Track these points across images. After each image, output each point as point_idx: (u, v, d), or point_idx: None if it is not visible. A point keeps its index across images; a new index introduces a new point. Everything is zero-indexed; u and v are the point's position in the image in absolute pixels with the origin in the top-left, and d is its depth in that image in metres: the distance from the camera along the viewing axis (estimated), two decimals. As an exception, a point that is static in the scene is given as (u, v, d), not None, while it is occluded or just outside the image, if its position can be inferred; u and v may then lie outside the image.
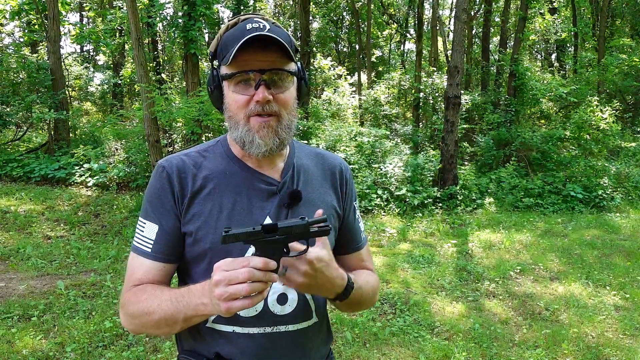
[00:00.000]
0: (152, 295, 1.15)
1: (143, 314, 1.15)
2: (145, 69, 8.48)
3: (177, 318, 1.11)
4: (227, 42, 1.17)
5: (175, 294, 1.12)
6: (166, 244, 1.23)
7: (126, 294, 1.22)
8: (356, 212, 1.45)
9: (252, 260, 0.98)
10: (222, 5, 13.44)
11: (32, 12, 11.91)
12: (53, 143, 10.37)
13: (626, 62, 15.15)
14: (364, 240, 1.45)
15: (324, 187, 1.35)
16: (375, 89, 16.55)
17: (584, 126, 11.69)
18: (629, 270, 5.90)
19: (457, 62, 9.35)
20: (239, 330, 1.21)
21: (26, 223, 6.99)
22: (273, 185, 1.26)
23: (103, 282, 5.07)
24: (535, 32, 18.63)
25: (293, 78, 1.22)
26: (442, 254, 6.61)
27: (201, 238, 1.21)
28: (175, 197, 1.23)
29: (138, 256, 1.24)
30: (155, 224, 1.23)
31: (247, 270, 0.96)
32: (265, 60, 1.14)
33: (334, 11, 22.05)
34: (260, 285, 0.98)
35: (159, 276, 1.23)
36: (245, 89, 1.17)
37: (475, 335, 4.20)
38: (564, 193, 9.68)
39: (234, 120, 1.20)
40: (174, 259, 1.25)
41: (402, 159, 10.29)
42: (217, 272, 0.99)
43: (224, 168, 1.27)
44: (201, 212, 1.22)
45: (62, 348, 3.72)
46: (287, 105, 1.20)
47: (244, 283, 0.96)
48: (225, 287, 0.97)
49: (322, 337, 1.36)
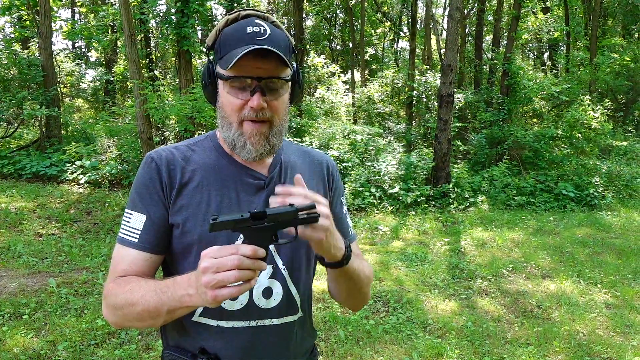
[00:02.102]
0: (136, 286, 1.13)
1: (126, 305, 1.13)
2: (138, 66, 8.43)
3: (160, 310, 1.09)
4: (227, 41, 1.17)
5: (160, 285, 1.10)
6: (154, 234, 1.21)
7: (109, 285, 1.20)
8: (343, 208, 1.45)
9: (241, 248, 0.97)
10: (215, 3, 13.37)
11: (23, 8, 11.80)
12: (44, 140, 10.30)
13: (618, 61, 15.26)
14: (353, 235, 1.45)
15: (312, 183, 1.35)
16: (369, 87, 16.56)
17: (575, 125, 11.77)
18: (619, 268, 5.95)
19: (451, 61, 9.37)
20: (224, 324, 1.21)
21: (17, 220, 6.94)
22: (261, 180, 1.27)
23: (95, 280, 5.04)
24: (528, 31, 18.71)
25: (288, 84, 1.22)
26: (435, 252, 6.63)
27: (189, 230, 1.20)
28: (164, 188, 1.22)
29: (124, 247, 1.22)
30: (142, 214, 1.22)
31: (236, 257, 0.95)
32: (263, 67, 1.14)
33: (327, 9, 22.03)
34: (249, 273, 0.97)
35: (144, 267, 1.22)
36: (240, 93, 1.17)
37: (468, 333, 4.22)
38: (555, 191, 9.74)
39: (227, 121, 1.21)
40: (161, 250, 1.24)
41: (395, 157, 10.31)
42: (205, 259, 0.97)
43: (213, 162, 1.27)
44: (189, 204, 1.22)
45: (54, 346, 3.69)
46: (279, 111, 1.21)
47: (232, 270, 0.95)
48: (213, 274, 0.95)
49: (307, 332, 1.36)
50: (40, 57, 10.65)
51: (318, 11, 21.84)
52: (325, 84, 17.34)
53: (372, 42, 24.67)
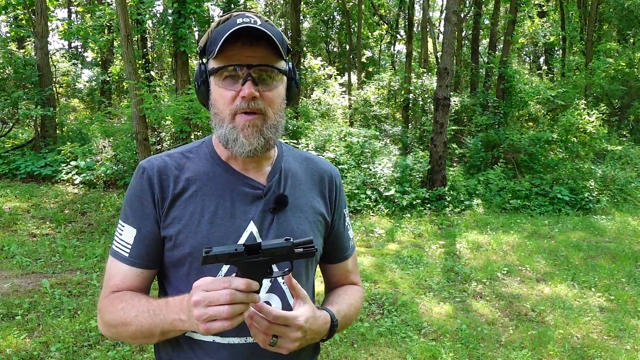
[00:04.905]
0: (129, 305, 1.12)
1: (119, 324, 1.12)
2: (134, 66, 8.40)
3: (153, 332, 1.08)
4: (216, 36, 1.13)
5: (152, 306, 1.09)
6: (144, 249, 1.19)
7: (103, 300, 1.19)
8: (346, 220, 1.42)
9: (234, 282, 0.94)
10: (212, 4, 13.36)
11: (19, 7, 11.73)
12: (39, 140, 10.24)
13: (613, 66, 15.35)
14: (352, 248, 1.43)
15: (312, 193, 1.31)
16: (365, 89, 16.57)
17: (571, 129, 11.83)
18: (613, 272, 5.97)
19: (447, 64, 9.39)
20: (220, 340, 1.17)
21: (11, 220, 6.90)
22: (258, 189, 1.22)
23: (89, 281, 5.02)
24: (524, 35, 18.81)
25: (282, 77, 1.18)
26: (430, 255, 6.63)
27: (181, 243, 1.16)
28: (156, 200, 1.18)
29: (116, 261, 1.21)
30: (133, 227, 1.19)
31: (228, 292, 0.93)
32: (253, 55, 1.11)
33: (324, 11, 22.04)
34: (242, 307, 0.95)
35: (137, 282, 1.19)
36: (231, 85, 1.13)
37: (462, 336, 4.22)
38: (550, 195, 9.77)
39: (219, 118, 1.17)
40: (152, 265, 1.21)
41: (391, 160, 10.32)
42: (197, 292, 0.95)
43: (208, 170, 1.22)
44: (182, 215, 1.17)
45: (47, 347, 3.67)
46: (273, 103, 1.15)
47: (224, 305, 0.93)
48: (204, 308, 0.94)
49: (308, 349, 1.28)
50: (36, 57, 10.60)
51: (315, 13, 21.86)
52: (321, 86, 17.35)
53: (369, 44, 24.69)
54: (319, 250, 1.31)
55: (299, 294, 1.10)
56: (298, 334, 1.05)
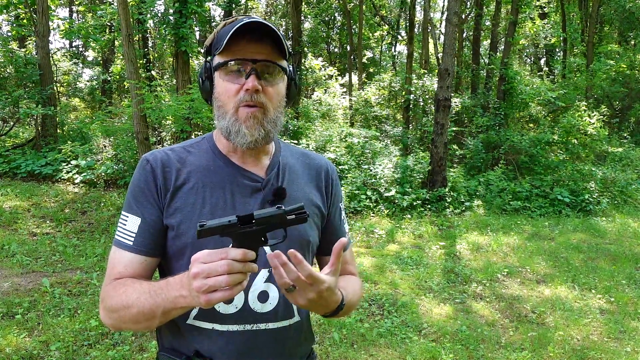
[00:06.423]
0: (131, 289, 1.14)
1: (121, 307, 1.14)
2: (135, 66, 8.42)
3: (155, 312, 1.09)
4: (223, 34, 1.18)
5: (153, 286, 1.11)
6: (149, 236, 1.22)
7: (106, 288, 1.21)
8: (341, 214, 1.45)
9: (231, 252, 0.97)
10: (213, 4, 13.39)
11: (20, 6, 11.75)
12: (40, 139, 10.25)
13: (614, 68, 15.36)
14: (348, 240, 1.44)
15: (309, 187, 1.35)
16: (366, 90, 16.57)
17: (571, 131, 11.83)
18: (614, 274, 5.97)
19: (448, 65, 9.39)
20: (219, 327, 1.20)
21: (11, 219, 6.90)
22: (257, 182, 1.26)
23: (89, 280, 5.02)
24: (525, 36, 18.81)
25: (284, 75, 1.23)
26: (431, 256, 6.63)
27: (183, 232, 1.20)
28: (159, 190, 1.22)
29: (119, 250, 1.23)
30: (137, 216, 1.22)
31: (225, 262, 0.95)
32: (258, 51, 1.16)
33: (325, 11, 22.06)
34: (240, 276, 0.97)
35: (140, 270, 1.22)
36: (236, 78, 1.18)
37: (462, 337, 4.22)
38: (551, 197, 9.76)
39: (222, 110, 1.21)
40: (156, 253, 1.24)
41: (391, 161, 10.32)
42: (195, 265, 0.98)
43: (209, 163, 1.27)
44: (183, 206, 1.21)
45: (47, 346, 3.67)
46: (274, 99, 1.21)
47: (223, 275, 0.95)
48: (203, 279, 0.96)
49: (304, 336, 1.35)
50: (37, 56, 10.61)
51: (316, 14, 21.88)
52: (322, 86, 17.35)
53: (369, 45, 24.71)
54: (314, 241, 1.34)
55: (336, 267, 1.11)
56: (314, 296, 1.07)
